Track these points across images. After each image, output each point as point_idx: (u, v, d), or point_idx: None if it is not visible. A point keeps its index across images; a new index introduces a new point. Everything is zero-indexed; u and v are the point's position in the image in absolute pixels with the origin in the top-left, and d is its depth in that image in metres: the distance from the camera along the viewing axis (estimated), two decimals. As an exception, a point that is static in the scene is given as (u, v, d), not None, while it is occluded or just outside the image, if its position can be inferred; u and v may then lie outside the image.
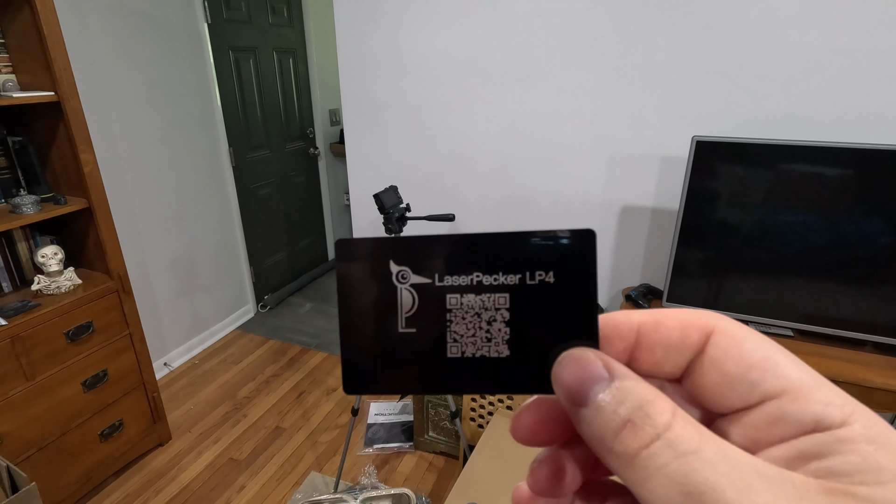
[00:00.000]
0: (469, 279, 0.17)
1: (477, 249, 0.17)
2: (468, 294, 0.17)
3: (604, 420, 0.14)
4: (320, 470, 1.96)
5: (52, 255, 1.67)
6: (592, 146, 1.78)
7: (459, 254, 0.17)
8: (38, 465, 1.61)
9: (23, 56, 1.57)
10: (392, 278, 0.17)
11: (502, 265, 0.17)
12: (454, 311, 0.17)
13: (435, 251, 0.17)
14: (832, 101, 1.46)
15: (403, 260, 0.17)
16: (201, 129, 2.59)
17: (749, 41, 1.49)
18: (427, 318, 0.17)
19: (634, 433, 0.14)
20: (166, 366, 2.55)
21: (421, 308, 0.17)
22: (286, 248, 3.42)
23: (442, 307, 0.17)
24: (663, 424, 0.14)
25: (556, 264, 0.16)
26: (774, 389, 0.15)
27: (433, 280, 0.17)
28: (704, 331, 0.16)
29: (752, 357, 0.15)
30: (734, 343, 0.15)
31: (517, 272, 0.17)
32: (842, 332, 1.43)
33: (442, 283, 0.17)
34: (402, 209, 1.56)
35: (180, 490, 1.87)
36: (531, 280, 0.17)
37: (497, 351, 0.17)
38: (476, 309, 0.17)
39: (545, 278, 0.17)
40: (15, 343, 1.50)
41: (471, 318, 0.17)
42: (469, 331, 0.17)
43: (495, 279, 0.17)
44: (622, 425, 0.14)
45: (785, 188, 1.39)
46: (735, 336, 0.16)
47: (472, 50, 1.81)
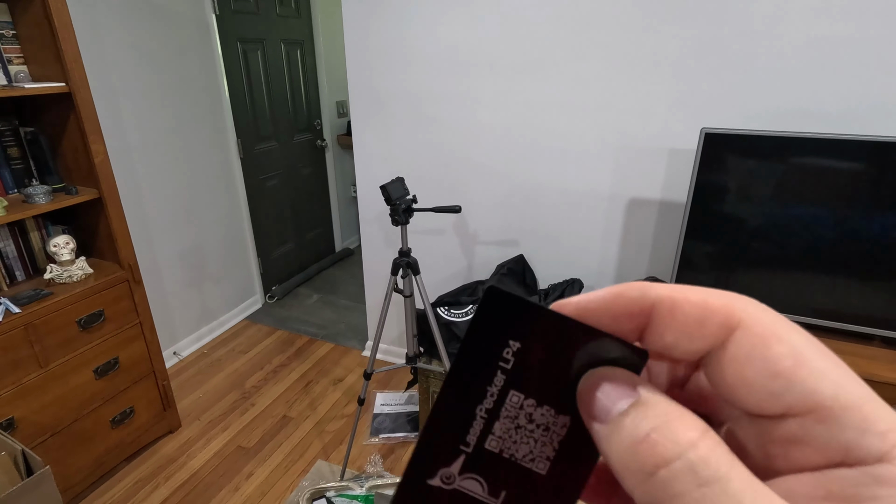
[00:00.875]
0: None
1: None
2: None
3: (623, 434, 0.13)
4: (327, 458, 1.98)
5: (63, 245, 1.69)
6: (600, 138, 1.77)
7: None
8: (52, 449, 1.64)
9: (34, 47, 1.59)
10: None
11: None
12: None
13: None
14: (844, 94, 1.44)
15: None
16: (210, 120, 2.60)
17: (760, 32, 1.47)
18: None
19: (653, 448, 0.12)
20: (176, 355, 2.59)
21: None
22: (294, 239, 3.44)
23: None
24: (688, 442, 0.12)
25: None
26: (799, 405, 0.12)
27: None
28: (727, 323, 0.13)
29: (779, 363, 0.13)
30: (760, 344, 0.13)
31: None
32: (850, 326, 1.42)
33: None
34: (408, 201, 1.57)
35: (190, 476, 1.90)
36: None
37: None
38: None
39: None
40: (28, 330, 1.53)
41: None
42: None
43: None
44: (642, 439, 0.13)
45: (794, 181, 1.37)
46: (763, 335, 0.13)
47: (480, 41, 1.81)
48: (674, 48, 1.57)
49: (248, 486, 1.86)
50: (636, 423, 0.13)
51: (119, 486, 1.86)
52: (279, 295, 3.23)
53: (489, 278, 2.00)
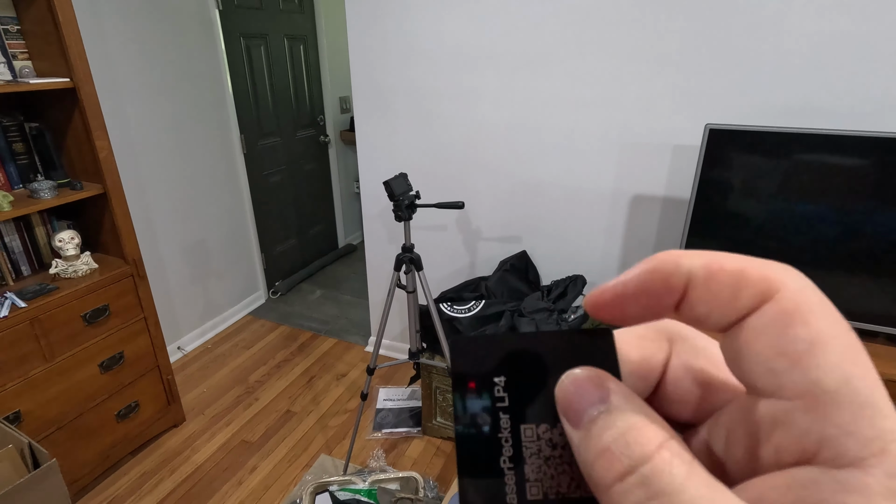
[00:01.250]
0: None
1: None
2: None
3: (587, 444, 0.13)
4: (330, 453, 1.99)
5: (68, 240, 1.70)
6: (603, 134, 1.77)
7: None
8: (58, 443, 1.66)
9: (39, 43, 1.59)
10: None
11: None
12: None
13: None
14: (850, 89, 1.43)
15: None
16: (213, 116, 2.61)
17: (765, 27, 1.46)
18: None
19: (609, 463, 0.12)
20: (180, 349, 2.60)
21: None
22: (297, 235, 3.45)
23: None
24: (641, 455, 0.12)
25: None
26: (791, 388, 0.12)
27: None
28: (763, 293, 0.13)
29: (793, 343, 0.12)
30: (783, 320, 0.12)
31: None
32: (854, 323, 1.42)
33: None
34: (411, 196, 1.57)
35: (194, 470, 1.92)
36: None
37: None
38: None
39: None
40: (34, 325, 1.55)
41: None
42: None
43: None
44: (600, 453, 0.13)
45: (799, 178, 1.37)
46: (789, 312, 0.12)
47: (483, 36, 1.80)
48: (678, 43, 1.56)
49: (252, 480, 1.87)
50: (600, 433, 0.13)
51: (124, 479, 1.87)
52: (282, 290, 3.24)
53: (492, 274, 2.00)
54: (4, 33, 1.55)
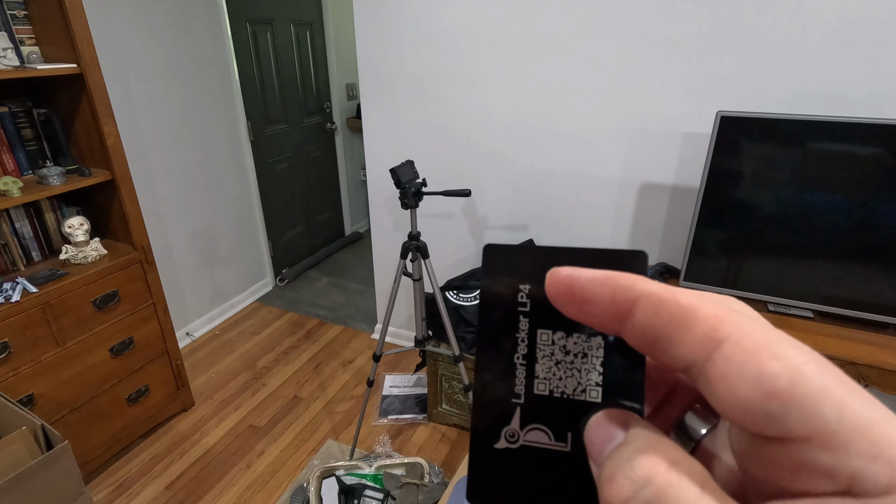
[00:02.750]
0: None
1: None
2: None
3: (599, 476, 0.13)
4: (336, 438, 2.02)
5: (78, 226, 1.72)
6: (612, 121, 1.74)
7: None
8: (70, 425, 1.69)
9: (45, 28, 1.59)
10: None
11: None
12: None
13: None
14: (866, 75, 1.40)
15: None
16: (220, 102, 2.60)
17: (780, 11, 1.42)
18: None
19: (613, 488, 0.12)
20: (188, 335, 2.63)
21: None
22: (303, 222, 3.45)
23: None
24: (643, 479, 0.12)
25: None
26: (800, 429, 0.11)
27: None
28: (713, 335, 0.12)
29: (774, 382, 0.11)
30: (751, 360, 0.12)
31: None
32: (864, 314, 1.40)
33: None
34: (418, 184, 1.56)
35: (203, 453, 1.95)
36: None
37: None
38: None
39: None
40: (45, 309, 1.57)
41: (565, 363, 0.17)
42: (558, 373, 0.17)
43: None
44: (607, 480, 0.13)
45: (812, 167, 1.34)
46: (754, 351, 0.12)
47: (492, 22, 1.77)
48: (690, 28, 1.53)
49: (260, 464, 1.90)
50: (612, 462, 0.13)
51: (135, 462, 1.91)
52: (289, 278, 3.26)
53: (498, 263, 1.99)
54: (12, 19, 1.55)
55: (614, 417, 0.15)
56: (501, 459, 0.16)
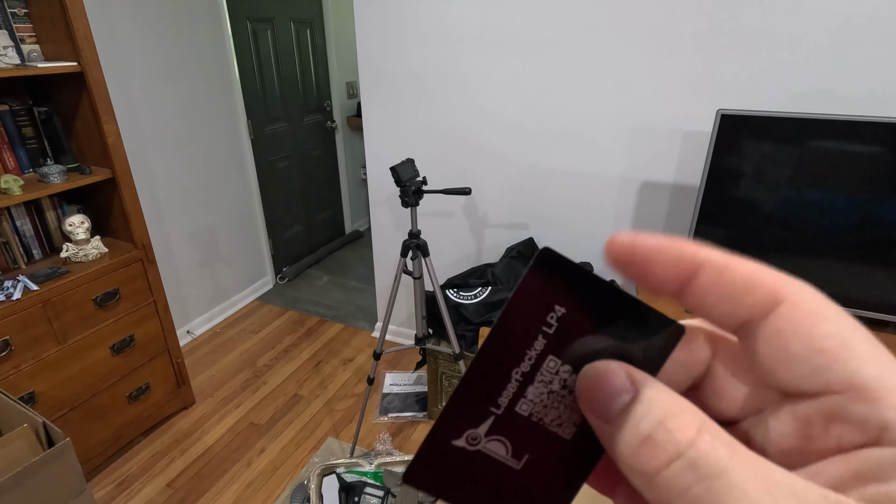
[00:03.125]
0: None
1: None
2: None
3: (624, 436, 0.13)
4: (337, 436, 2.02)
5: (79, 224, 1.72)
6: (613, 119, 1.74)
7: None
8: (71, 423, 1.69)
9: (46, 26, 1.59)
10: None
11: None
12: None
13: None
14: (867, 74, 1.40)
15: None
16: (220, 101, 2.60)
17: (780, 10, 1.42)
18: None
19: (654, 451, 0.12)
20: (189, 333, 2.64)
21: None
22: (304, 221, 3.46)
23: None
24: (686, 441, 0.12)
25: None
26: (839, 383, 0.12)
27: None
28: (773, 297, 0.13)
29: (824, 341, 0.13)
30: (809, 320, 0.13)
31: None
32: (865, 312, 1.41)
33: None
34: (418, 182, 1.56)
35: (204, 451, 1.96)
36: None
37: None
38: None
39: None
40: (47, 307, 1.57)
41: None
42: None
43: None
44: (641, 442, 0.13)
45: (813, 165, 1.34)
46: (812, 312, 0.13)
47: (492, 20, 1.77)
48: (690, 26, 1.53)
49: (261, 462, 1.91)
50: (636, 423, 0.13)
51: (136, 459, 1.92)
52: (290, 276, 3.26)
53: (499, 261, 2.00)
54: (12, 17, 1.55)
55: (618, 369, 0.14)
56: (454, 456, 0.16)
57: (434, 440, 0.16)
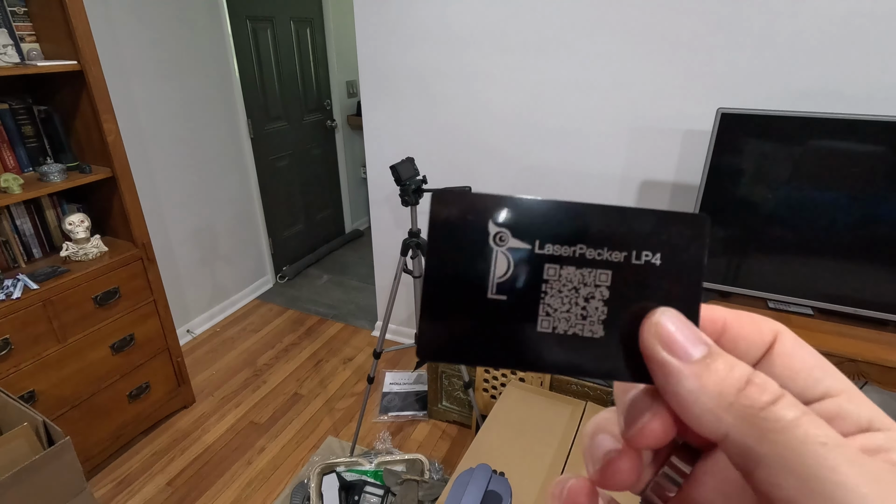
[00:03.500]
0: (572, 250, 0.16)
1: (585, 220, 0.16)
2: (568, 266, 0.16)
3: (720, 377, 0.15)
4: (337, 435, 2.02)
5: (79, 223, 1.72)
6: (613, 118, 1.74)
7: (566, 222, 0.16)
8: (71, 422, 1.69)
9: (46, 25, 1.58)
10: (489, 239, 0.16)
11: (609, 240, 0.16)
12: (551, 283, 0.16)
13: (540, 216, 0.16)
14: (867, 72, 1.40)
15: (504, 221, 0.16)
16: (220, 100, 2.60)
17: (780, 8, 1.42)
18: (521, 286, 0.16)
19: (762, 390, 0.15)
20: (189, 332, 2.64)
21: (515, 274, 0.16)
22: (304, 220, 3.45)
23: (539, 276, 0.16)
24: (780, 387, 0.15)
25: (665, 246, 0.16)
26: (835, 388, 0.16)
27: (533, 246, 0.16)
28: (773, 332, 0.18)
29: (812, 360, 0.17)
30: (797, 346, 0.17)
31: (623, 249, 0.16)
32: (864, 311, 1.40)
33: (542, 250, 0.16)
34: (418, 181, 1.56)
35: (204, 450, 1.96)
36: (637, 259, 0.16)
37: (591, 330, 0.16)
38: (574, 283, 0.16)
39: (651, 259, 0.16)
40: (47, 306, 1.57)
41: (567, 293, 0.16)
42: (564, 305, 0.16)
43: (599, 254, 0.16)
44: (745, 383, 0.15)
45: (813, 164, 1.34)
46: (797, 341, 0.17)
47: (492, 19, 1.77)
48: (691, 25, 1.53)
49: (261, 461, 1.91)
50: (730, 368, 0.15)
51: (136, 458, 1.92)
52: (290, 275, 3.26)
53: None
54: (12, 15, 1.55)
55: (688, 324, 0.16)
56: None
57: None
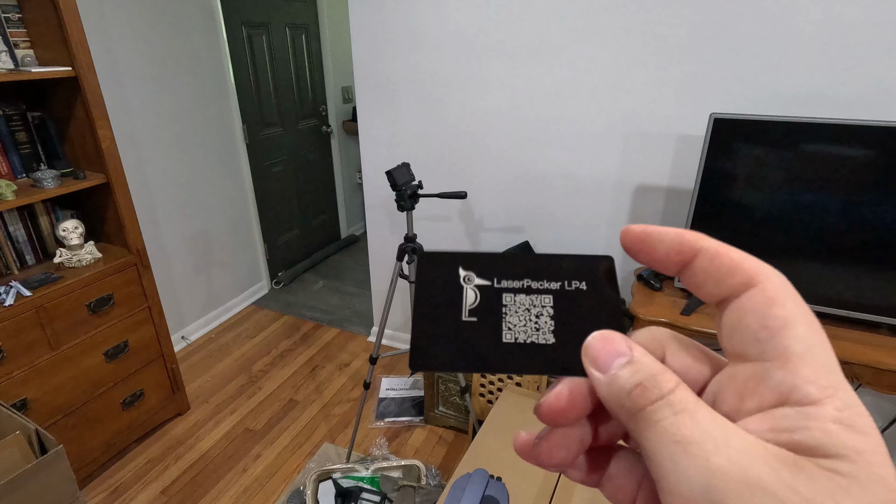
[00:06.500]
0: (520, 283, 0.21)
1: (527, 263, 0.21)
2: (520, 294, 0.21)
3: (620, 384, 0.17)
4: (333, 441, 2.01)
5: (72, 229, 1.71)
6: (607, 123, 1.76)
7: (514, 265, 0.21)
8: (64, 430, 1.68)
9: (40, 31, 1.58)
10: (460, 280, 0.21)
11: (546, 275, 0.21)
12: (508, 307, 0.21)
13: (495, 262, 0.21)
14: (858, 77, 1.42)
15: (470, 267, 0.21)
16: (215, 105, 2.60)
17: (773, 14, 1.44)
18: (486, 310, 0.21)
19: (643, 393, 0.16)
20: (184, 339, 2.62)
21: (481, 302, 0.21)
22: (299, 225, 3.45)
23: (499, 302, 0.21)
24: (668, 390, 0.16)
25: (587, 277, 0.21)
26: (771, 353, 0.16)
27: (492, 282, 0.21)
28: (747, 281, 0.17)
29: (772, 320, 0.16)
30: (764, 302, 0.16)
31: (558, 280, 0.21)
32: (857, 314, 1.42)
33: (499, 285, 0.21)
34: (414, 186, 1.57)
35: (199, 457, 1.94)
36: (569, 287, 0.21)
37: (544, 339, 0.20)
38: (527, 305, 0.21)
39: (580, 286, 0.21)
40: (40, 313, 1.56)
41: (522, 312, 0.21)
42: (521, 322, 0.21)
43: (541, 284, 0.21)
44: (634, 387, 0.17)
45: (805, 168, 1.36)
46: (771, 297, 0.16)
47: (486, 24, 1.78)
48: (684, 31, 1.55)
49: (256, 468, 1.90)
50: (631, 375, 0.17)
51: (130, 466, 1.90)
52: (285, 281, 3.25)
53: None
54: (6, 21, 1.55)
55: (620, 338, 0.18)
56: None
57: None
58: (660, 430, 0.15)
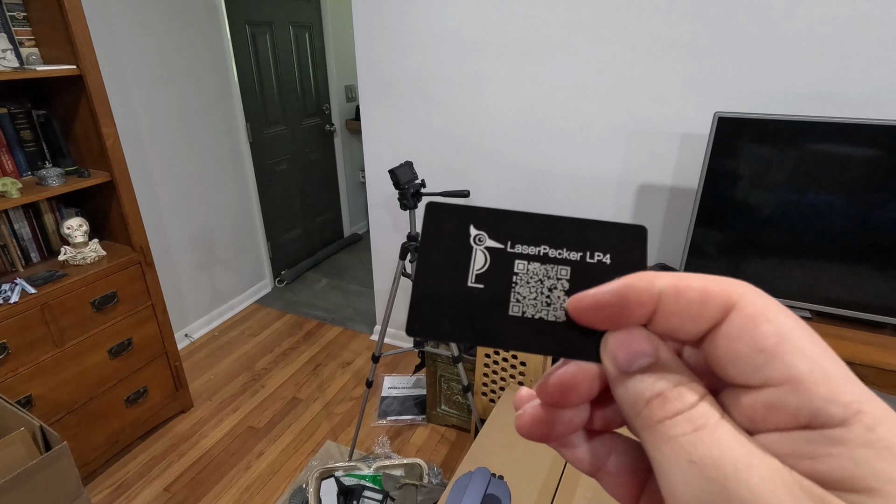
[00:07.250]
0: (537, 250, 0.19)
1: (548, 226, 0.19)
2: (534, 262, 0.19)
3: (640, 388, 0.16)
4: (335, 439, 2.02)
5: (77, 227, 1.72)
6: (610, 122, 1.75)
7: (532, 228, 0.19)
8: (68, 427, 1.69)
9: (45, 30, 1.59)
10: (470, 239, 0.19)
11: (567, 243, 0.19)
12: (520, 275, 0.19)
13: (511, 222, 0.19)
14: (863, 76, 1.41)
15: (482, 226, 0.19)
16: (219, 104, 2.60)
17: (778, 13, 1.43)
18: (495, 277, 0.19)
19: (663, 405, 0.15)
20: (187, 337, 2.63)
21: (491, 268, 0.19)
22: (302, 224, 3.46)
23: (510, 270, 0.19)
24: (690, 404, 0.15)
25: (613, 249, 0.19)
26: (777, 377, 0.14)
27: (505, 246, 0.19)
28: (725, 305, 0.15)
29: (764, 340, 0.14)
30: (750, 323, 0.15)
31: (579, 250, 0.19)
32: (862, 314, 1.41)
33: (513, 249, 0.19)
34: (417, 185, 1.57)
35: (202, 455, 1.95)
36: (590, 259, 0.19)
37: (555, 315, 0.18)
38: (539, 276, 0.19)
39: (603, 259, 0.19)
40: (44, 311, 1.56)
41: (534, 284, 0.19)
42: (531, 294, 0.19)
43: (559, 253, 0.19)
44: (655, 396, 0.15)
45: (810, 167, 1.35)
46: (753, 315, 0.15)
47: (490, 22, 1.78)
48: (688, 29, 1.54)
49: (259, 465, 1.90)
50: (653, 383, 0.16)
51: (134, 463, 1.91)
52: (288, 279, 3.26)
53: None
54: (11, 20, 1.55)
55: (646, 335, 0.16)
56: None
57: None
58: (675, 447, 0.14)
